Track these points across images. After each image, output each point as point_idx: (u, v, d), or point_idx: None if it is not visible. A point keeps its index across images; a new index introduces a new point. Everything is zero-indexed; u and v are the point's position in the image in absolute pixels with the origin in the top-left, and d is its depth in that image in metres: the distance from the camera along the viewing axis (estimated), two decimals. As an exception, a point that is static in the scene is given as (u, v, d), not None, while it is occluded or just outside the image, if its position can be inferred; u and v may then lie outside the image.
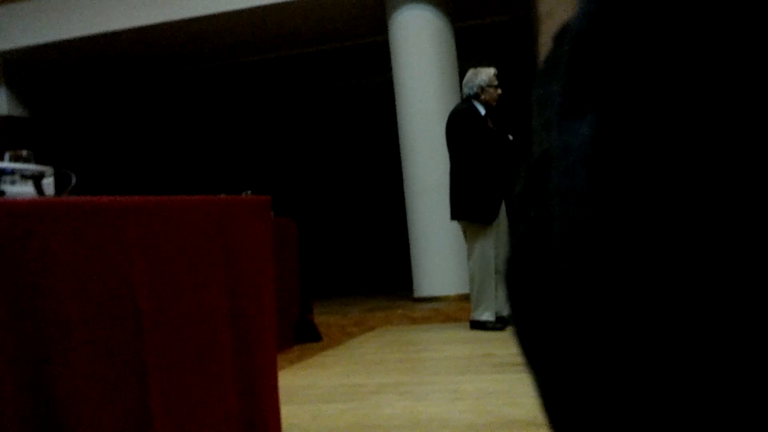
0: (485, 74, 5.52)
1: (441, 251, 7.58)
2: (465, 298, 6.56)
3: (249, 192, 4.81)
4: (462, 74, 5.81)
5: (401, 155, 8.01)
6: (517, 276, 0.31)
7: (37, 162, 1.85)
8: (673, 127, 0.26)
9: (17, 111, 9.70)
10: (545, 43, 0.37)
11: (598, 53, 0.28)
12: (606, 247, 0.26)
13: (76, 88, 10.56)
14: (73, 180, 1.88)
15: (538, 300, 0.30)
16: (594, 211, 0.27)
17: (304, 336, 5.65)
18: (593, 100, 0.27)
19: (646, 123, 0.26)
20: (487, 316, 5.52)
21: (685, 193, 0.25)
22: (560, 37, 0.34)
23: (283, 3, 8.27)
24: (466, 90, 5.58)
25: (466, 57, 8.16)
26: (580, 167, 0.27)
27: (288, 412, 2.78)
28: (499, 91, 5.54)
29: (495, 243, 5.50)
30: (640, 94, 0.26)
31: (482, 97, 5.49)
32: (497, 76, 5.55)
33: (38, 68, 9.69)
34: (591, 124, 0.27)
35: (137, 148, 11.81)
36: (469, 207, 5.45)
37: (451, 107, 6.11)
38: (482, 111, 5.50)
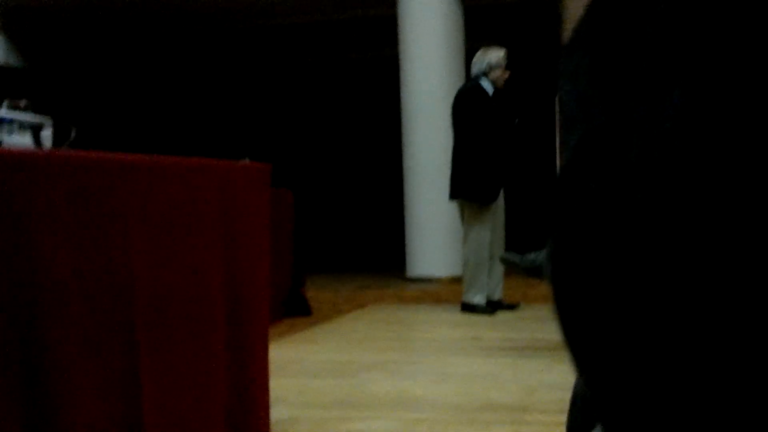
0: (495, 54, 5.48)
1: (436, 232, 7.56)
2: (457, 280, 6.55)
3: (247, 159, 4.77)
4: (469, 54, 5.77)
5: (402, 132, 7.97)
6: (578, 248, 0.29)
7: (35, 113, 1.81)
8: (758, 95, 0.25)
9: (14, 60, 9.56)
10: (572, 18, 0.36)
11: (683, 29, 0.27)
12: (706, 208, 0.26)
13: (74, 38, 10.40)
14: (73, 133, 1.84)
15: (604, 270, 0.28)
16: (691, 175, 0.26)
17: (295, 309, 5.64)
18: (681, 71, 0.26)
19: (734, 92, 0.25)
20: (478, 299, 5.52)
21: None
22: (595, 7, 0.33)
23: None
24: (474, 69, 5.54)
25: (474, 37, 8.10)
26: (674, 134, 0.26)
27: (275, 386, 2.77)
28: (508, 72, 5.49)
29: (492, 227, 5.48)
30: (726, 66, 0.26)
31: (490, 76, 5.44)
32: (506, 57, 5.50)
33: (36, 16, 9.50)
34: (682, 94, 0.26)
35: (136, 103, 11.71)
36: (469, 186, 5.42)
37: (456, 87, 6.07)
38: (489, 92, 5.46)
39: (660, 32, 0.28)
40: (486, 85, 5.47)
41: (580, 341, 0.30)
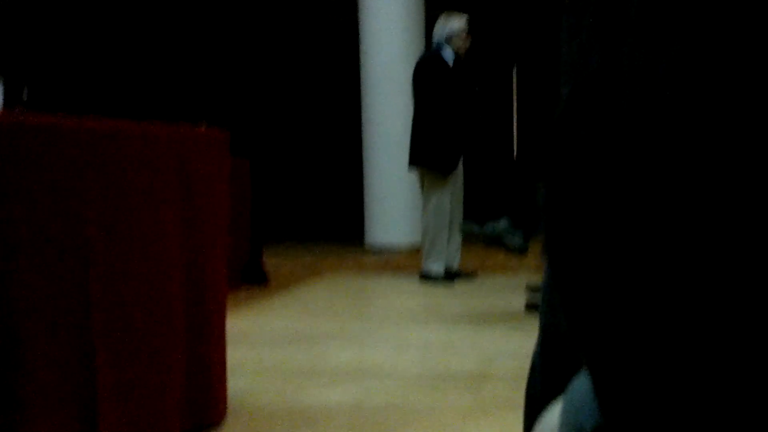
0: (457, 21, 5.46)
1: (395, 201, 7.56)
2: (416, 249, 6.58)
3: (204, 123, 4.70)
4: (429, 22, 5.74)
5: (362, 101, 7.93)
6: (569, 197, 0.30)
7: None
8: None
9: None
10: None
11: None
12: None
13: None
14: (25, 93, 1.79)
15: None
16: (680, 134, 0.26)
17: (252, 278, 5.61)
18: (682, 19, 0.27)
19: (730, 45, 0.26)
20: (436, 268, 5.55)
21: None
22: None
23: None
24: (435, 37, 5.52)
25: (433, 4, 8.05)
26: (668, 81, 0.26)
27: (233, 355, 2.75)
28: (469, 39, 5.47)
29: (451, 196, 5.50)
30: (730, 21, 0.26)
31: (452, 44, 5.42)
32: (468, 24, 5.48)
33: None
34: (683, 46, 0.27)
35: (91, 62, 11.43)
36: (428, 154, 5.42)
37: (416, 56, 6.05)
38: (450, 61, 5.44)
39: None
40: (447, 53, 5.46)
41: (574, 290, 0.30)
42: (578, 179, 0.29)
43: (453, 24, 5.44)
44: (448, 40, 5.44)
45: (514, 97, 10.08)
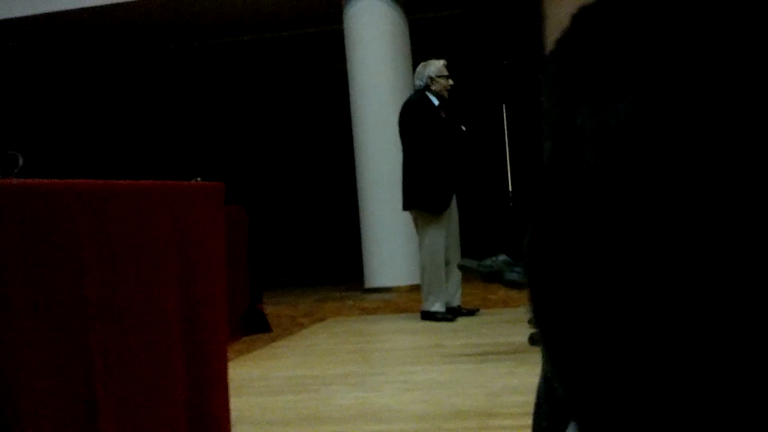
0: (434, 66, 5.58)
1: (392, 242, 7.58)
2: (416, 288, 6.57)
3: (199, 179, 4.73)
4: (416, 66, 5.83)
5: (354, 145, 7.99)
6: (543, 252, 0.31)
7: (-19, 143, 1.77)
8: (707, 108, 0.27)
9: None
10: (554, 25, 0.38)
11: (634, 36, 0.29)
12: (645, 218, 0.27)
13: (18, 64, 10.25)
14: (20, 161, 1.81)
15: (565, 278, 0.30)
16: (631, 185, 0.27)
17: (254, 326, 5.59)
18: (631, 80, 0.28)
19: (682, 105, 0.27)
20: (437, 306, 5.54)
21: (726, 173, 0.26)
22: (581, 17, 0.34)
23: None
24: (417, 82, 5.63)
25: (420, 50, 8.16)
26: (620, 144, 0.28)
27: (237, 405, 2.74)
28: (451, 81, 5.57)
29: (446, 234, 5.52)
30: (675, 78, 0.27)
31: (433, 87, 5.53)
32: (447, 67, 5.59)
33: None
34: (630, 104, 0.28)
35: (85, 128, 11.54)
36: (420, 196, 5.46)
37: (404, 99, 6.11)
38: (435, 102, 5.52)
39: (611, 47, 0.30)
40: (431, 96, 5.55)
41: (556, 338, 0.31)
42: (553, 235, 0.31)
43: (431, 69, 5.56)
44: (429, 85, 5.54)
45: (506, 134, 10.15)
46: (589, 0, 0.35)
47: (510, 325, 5.05)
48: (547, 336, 0.32)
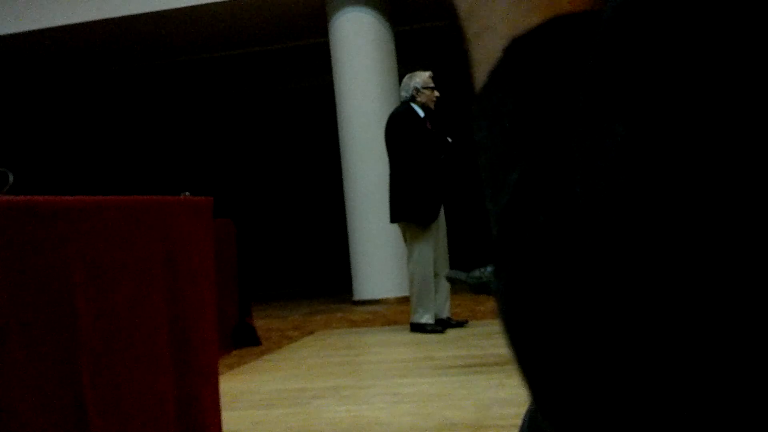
0: (419, 77, 5.58)
1: (380, 254, 7.58)
2: (405, 300, 6.57)
3: (187, 193, 4.73)
4: (402, 78, 5.85)
5: (341, 158, 7.99)
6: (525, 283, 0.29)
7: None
8: (706, 128, 0.25)
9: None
10: (480, 60, 0.37)
11: (627, 56, 0.27)
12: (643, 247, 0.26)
13: (6, 82, 10.23)
14: (11, 178, 1.81)
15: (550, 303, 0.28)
16: (633, 209, 0.26)
17: (243, 340, 5.58)
18: (626, 102, 0.27)
19: (682, 126, 0.26)
20: (426, 318, 5.54)
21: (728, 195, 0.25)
22: (514, 49, 0.34)
23: (223, 2, 8.17)
24: (403, 94, 5.63)
25: (405, 61, 8.20)
26: (617, 168, 0.26)
27: (228, 419, 2.73)
28: (437, 93, 5.58)
29: (434, 245, 5.52)
30: (674, 97, 0.26)
31: (418, 99, 5.53)
32: (433, 78, 5.59)
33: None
34: (626, 126, 0.27)
35: (73, 145, 11.51)
36: (408, 209, 5.47)
37: (390, 111, 6.13)
38: (421, 113, 5.53)
39: (596, 69, 0.29)
40: (417, 108, 5.55)
41: (535, 375, 0.29)
42: (536, 267, 0.29)
43: (416, 80, 5.56)
44: (415, 96, 5.54)
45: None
46: (515, 33, 0.34)
47: (499, 336, 5.04)
48: (537, 398, 0.30)
